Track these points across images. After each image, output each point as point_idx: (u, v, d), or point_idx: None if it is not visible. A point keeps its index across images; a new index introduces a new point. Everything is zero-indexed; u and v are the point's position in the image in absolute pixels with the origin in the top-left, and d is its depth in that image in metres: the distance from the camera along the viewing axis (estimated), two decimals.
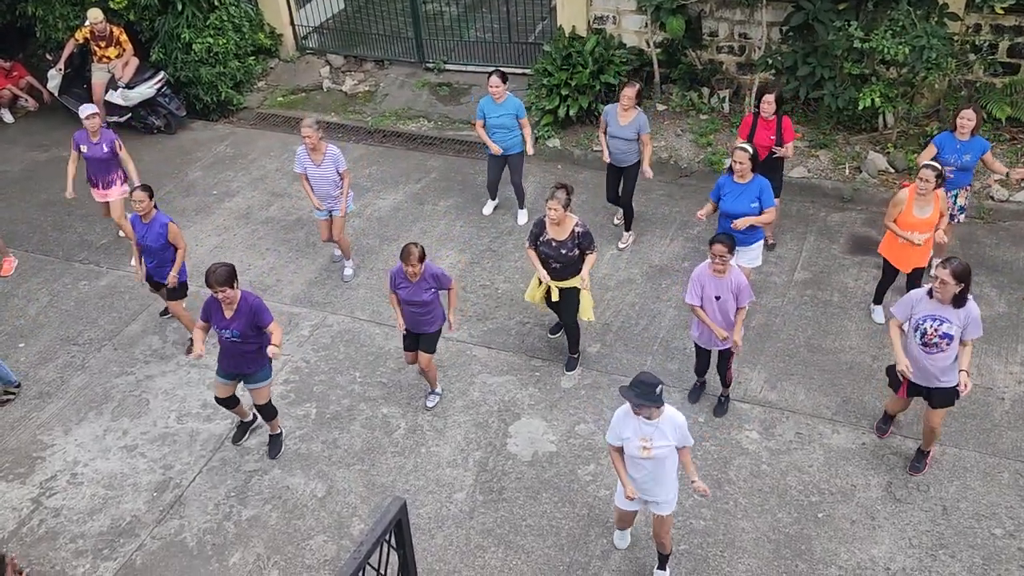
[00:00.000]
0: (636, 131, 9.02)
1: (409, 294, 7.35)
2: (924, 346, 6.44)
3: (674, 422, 5.70)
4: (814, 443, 7.47)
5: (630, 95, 8.90)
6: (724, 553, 6.71)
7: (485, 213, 10.39)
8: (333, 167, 8.97)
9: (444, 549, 6.87)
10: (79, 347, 9.00)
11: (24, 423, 8.20)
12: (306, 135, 8.74)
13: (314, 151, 8.89)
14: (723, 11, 11.31)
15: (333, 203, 9.14)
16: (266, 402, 7.44)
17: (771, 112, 8.63)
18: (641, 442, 5.70)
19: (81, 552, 7.07)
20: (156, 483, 7.57)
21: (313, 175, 8.98)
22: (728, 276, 6.92)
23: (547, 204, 7.49)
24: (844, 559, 6.60)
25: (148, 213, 8.07)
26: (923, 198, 7.59)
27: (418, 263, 7.15)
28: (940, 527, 6.77)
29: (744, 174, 7.78)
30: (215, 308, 7.03)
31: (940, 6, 9.78)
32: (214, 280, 6.77)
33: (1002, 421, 7.53)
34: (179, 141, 12.36)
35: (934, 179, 7.48)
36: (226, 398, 7.47)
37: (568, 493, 7.22)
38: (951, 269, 6.14)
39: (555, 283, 7.72)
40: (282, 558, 6.92)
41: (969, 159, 8.24)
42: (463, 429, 7.82)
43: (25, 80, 13.10)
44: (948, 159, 8.19)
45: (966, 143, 8.20)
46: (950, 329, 6.31)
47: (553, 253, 7.60)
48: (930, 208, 7.63)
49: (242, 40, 12.70)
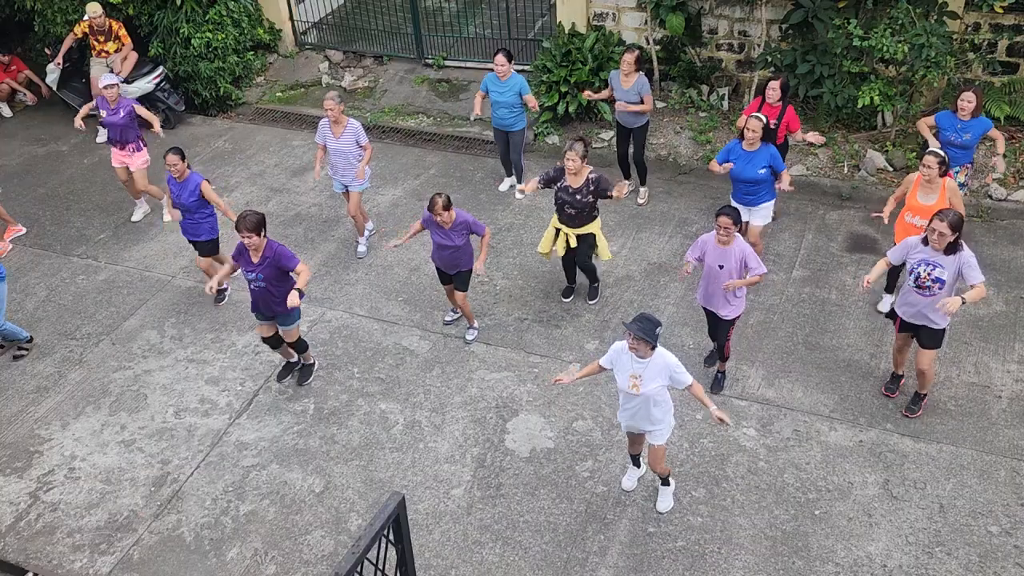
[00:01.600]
0: (638, 92, 9.53)
1: (443, 239, 7.96)
2: (918, 288, 6.89)
3: (665, 363, 6.10)
4: (812, 440, 7.48)
5: (630, 60, 9.49)
6: (721, 549, 6.72)
7: (501, 190, 10.74)
8: (353, 140, 9.21)
9: (442, 545, 6.87)
10: (77, 341, 8.99)
11: (22, 417, 8.20)
12: (328, 107, 9.03)
13: (336, 123, 9.17)
14: (723, 9, 11.31)
15: (350, 179, 9.37)
16: (296, 339, 7.99)
17: (776, 99, 8.81)
18: (631, 379, 6.12)
19: (79, 547, 7.07)
20: (154, 478, 7.57)
21: (332, 147, 9.24)
22: (733, 246, 7.11)
23: (566, 155, 8.10)
24: (841, 556, 6.61)
25: (183, 174, 8.59)
26: (928, 185, 7.68)
27: (444, 211, 7.71)
28: (937, 524, 6.78)
29: (754, 142, 8.15)
30: (243, 253, 7.54)
31: (939, 5, 9.78)
32: (243, 225, 7.30)
33: (999, 419, 7.54)
34: (177, 136, 12.33)
35: (936, 165, 7.55)
36: (269, 337, 7.98)
37: (566, 489, 7.23)
38: (948, 221, 6.55)
39: (572, 231, 8.33)
40: (279, 553, 6.92)
41: (970, 138, 8.36)
42: (461, 425, 7.82)
43: (24, 74, 13.09)
44: (948, 136, 8.40)
45: (967, 123, 8.33)
46: (942, 274, 6.75)
47: (570, 199, 8.20)
48: (935, 196, 7.68)
49: (241, 35, 12.70)
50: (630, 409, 6.37)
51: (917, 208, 7.76)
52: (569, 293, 9.02)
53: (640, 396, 6.19)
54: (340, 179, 9.45)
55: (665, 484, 6.93)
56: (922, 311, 6.98)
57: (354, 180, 9.37)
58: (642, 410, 6.30)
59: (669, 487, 6.94)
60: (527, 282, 9.24)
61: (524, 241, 9.80)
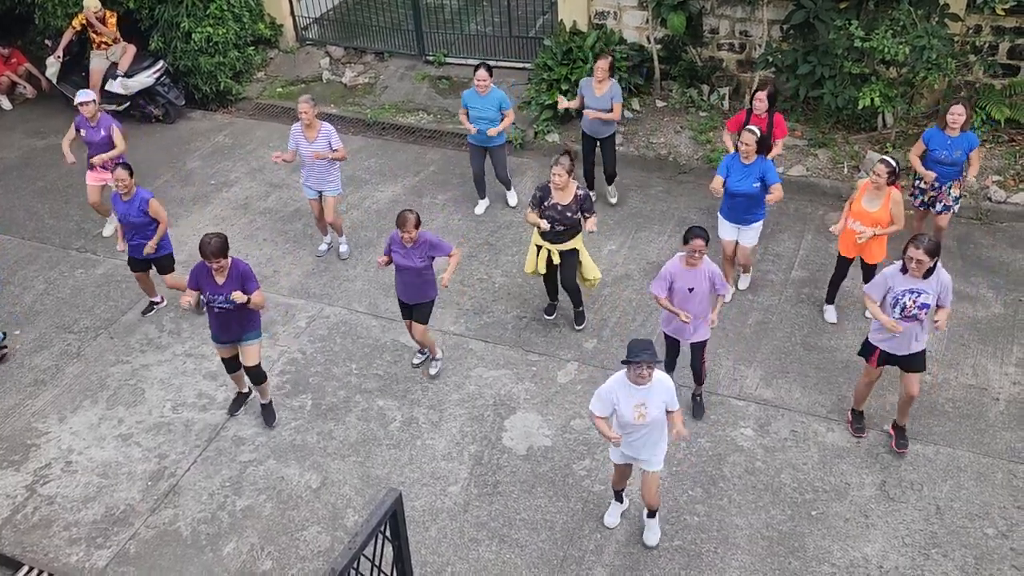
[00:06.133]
0: (610, 99, 9.38)
1: (403, 259, 7.55)
2: (904, 318, 6.71)
3: (664, 385, 6.00)
4: (809, 441, 7.49)
5: (604, 67, 9.34)
6: (718, 549, 6.72)
7: (477, 213, 10.34)
8: (326, 144, 9.01)
9: (438, 542, 6.87)
10: (75, 335, 8.99)
11: (19, 410, 8.19)
12: (303, 110, 8.88)
13: (308, 127, 8.99)
14: (724, 8, 11.31)
15: (324, 183, 9.21)
16: (257, 363, 7.57)
17: (763, 109, 8.69)
18: (636, 409, 5.95)
19: (75, 540, 7.06)
20: (151, 472, 7.57)
21: (305, 151, 9.02)
22: (702, 267, 7.01)
23: (552, 171, 7.85)
24: (837, 557, 6.62)
25: (129, 191, 8.22)
26: (875, 192, 7.74)
27: (414, 229, 7.35)
28: (933, 526, 6.79)
29: (749, 155, 8.01)
30: (205, 276, 7.19)
31: (941, 6, 9.79)
32: (209, 252, 6.99)
33: (996, 422, 7.55)
34: (177, 130, 12.33)
35: (886, 174, 7.62)
36: (229, 359, 7.69)
37: (563, 488, 7.23)
38: (924, 248, 6.45)
39: (555, 247, 8.06)
40: (276, 548, 6.92)
41: (960, 154, 8.30)
42: (459, 422, 7.82)
43: (23, 67, 13.08)
44: (938, 154, 8.30)
45: (956, 139, 8.26)
46: (928, 299, 6.65)
47: (558, 216, 7.93)
48: (879, 203, 7.76)
49: (242, 30, 12.68)
50: (634, 441, 6.12)
51: (859, 213, 7.83)
52: (552, 311, 8.75)
53: (647, 425, 6.00)
54: (313, 185, 9.24)
55: (651, 517, 6.67)
56: (911, 339, 6.77)
57: (328, 184, 9.19)
58: (648, 437, 6.10)
59: (655, 519, 6.69)
60: (526, 280, 9.23)
61: (523, 239, 9.78)
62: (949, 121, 8.20)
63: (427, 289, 7.76)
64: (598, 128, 9.58)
